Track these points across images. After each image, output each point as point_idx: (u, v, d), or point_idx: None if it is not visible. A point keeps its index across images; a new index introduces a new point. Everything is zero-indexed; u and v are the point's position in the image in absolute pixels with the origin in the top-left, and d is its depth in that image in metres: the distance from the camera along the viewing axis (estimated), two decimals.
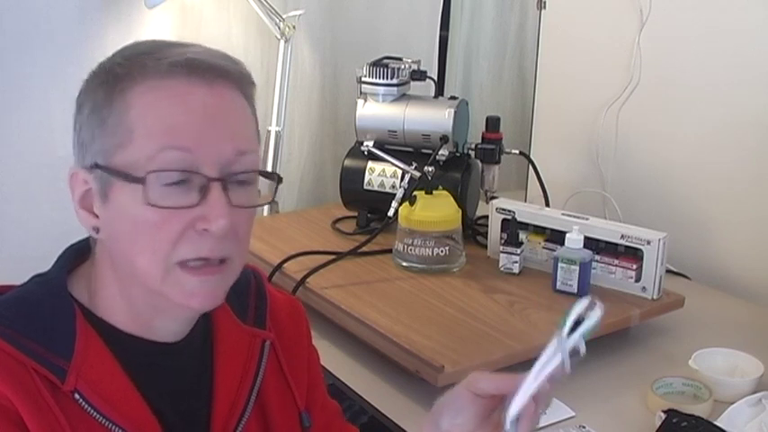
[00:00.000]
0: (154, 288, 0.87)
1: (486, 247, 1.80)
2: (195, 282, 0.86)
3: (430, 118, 1.86)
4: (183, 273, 0.86)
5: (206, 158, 0.84)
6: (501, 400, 0.86)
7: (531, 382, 0.83)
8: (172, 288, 0.86)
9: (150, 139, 0.84)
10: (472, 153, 1.89)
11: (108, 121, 0.85)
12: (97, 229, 0.89)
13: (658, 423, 1.29)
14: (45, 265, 0.94)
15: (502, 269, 1.70)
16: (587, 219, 1.65)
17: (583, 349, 0.82)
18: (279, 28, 2.01)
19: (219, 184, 0.85)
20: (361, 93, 1.93)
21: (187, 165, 0.84)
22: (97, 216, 0.88)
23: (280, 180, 0.96)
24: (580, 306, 0.83)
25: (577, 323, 0.82)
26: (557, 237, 1.66)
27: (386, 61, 1.93)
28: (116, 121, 0.85)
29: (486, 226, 1.80)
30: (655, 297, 1.60)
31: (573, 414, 1.35)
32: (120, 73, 0.86)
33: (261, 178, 0.92)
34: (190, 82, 0.85)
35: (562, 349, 0.82)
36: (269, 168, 2.03)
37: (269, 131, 2.07)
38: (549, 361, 0.83)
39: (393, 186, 1.86)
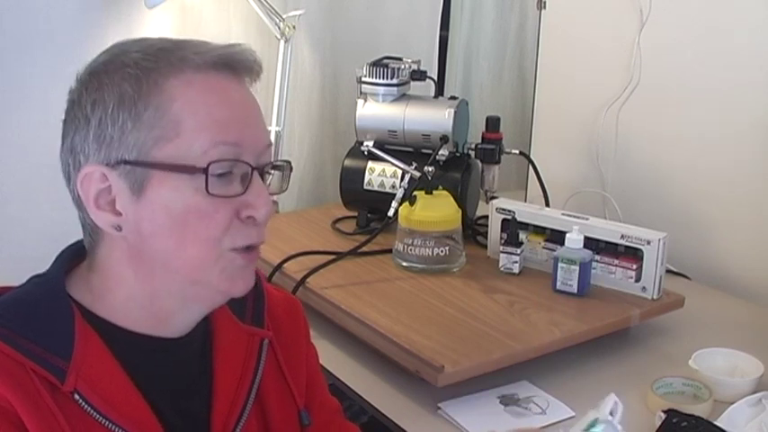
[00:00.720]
0: (199, 277, 0.88)
1: (486, 247, 1.80)
2: (241, 265, 0.89)
3: (430, 118, 1.86)
4: (235, 255, 0.89)
5: (247, 150, 0.88)
6: None
7: None
8: (220, 274, 0.89)
9: (202, 133, 0.86)
10: (472, 153, 1.89)
11: (144, 114, 0.85)
12: (119, 227, 0.88)
13: (658, 423, 1.29)
14: (45, 265, 0.94)
15: (502, 269, 1.70)
16: (587, 219, 1.65)
17: None
18: (279, 28, 2.01)
19: (258, 173, 0.89)
20: (361, 93, 1.93)
21: (235, 157, 0.87)
22: (120, 214, 0.87)
23: (291, 169, 0.98)
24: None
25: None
26: (557, 237, 1.66)
27: (386, 61, 1.93)
28: (155, 115, 0.85)
29: (486, 226, 1.80)
30: (655, 297, 1.60)
31: (573, 414, 1.35)
32: (148, 67, 0.86)
33: None
34: (222, 76, 0.88)
35: None
36: None
37: (269, 131, 2.06)
38: None
39: (393, 186, 1.86)
